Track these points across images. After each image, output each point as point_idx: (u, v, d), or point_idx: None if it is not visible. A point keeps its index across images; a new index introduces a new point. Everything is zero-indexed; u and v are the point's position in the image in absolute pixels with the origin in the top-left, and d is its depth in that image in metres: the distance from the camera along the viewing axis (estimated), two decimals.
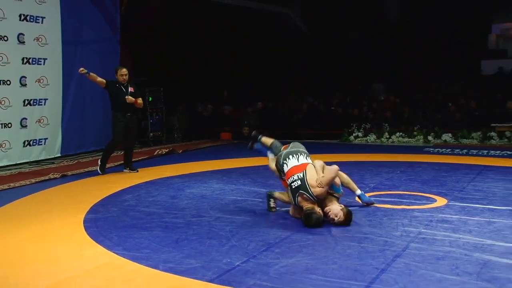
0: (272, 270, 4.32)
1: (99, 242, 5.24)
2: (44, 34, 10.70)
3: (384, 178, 8.48)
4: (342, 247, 4.90)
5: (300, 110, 15.93)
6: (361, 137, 14.13)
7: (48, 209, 6.77)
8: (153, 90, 13.94)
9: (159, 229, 5.65)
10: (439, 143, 13.17)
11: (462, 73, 17.69)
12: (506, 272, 4.22)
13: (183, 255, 4.75)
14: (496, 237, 5.16)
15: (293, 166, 5.86)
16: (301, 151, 6.11)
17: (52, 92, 10.98)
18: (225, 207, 6.63)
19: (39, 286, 4.15)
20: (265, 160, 10.58)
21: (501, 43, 19.53)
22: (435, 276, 4.15)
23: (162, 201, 7.03)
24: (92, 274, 4.38)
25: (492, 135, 12.99)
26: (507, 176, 8.45)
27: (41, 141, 10.83)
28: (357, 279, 4.11)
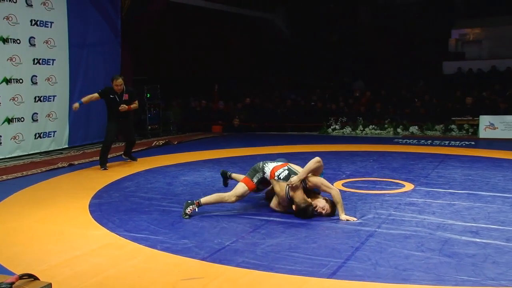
0: (258, 249, 4.32)
1: (103, 224, 5.21)
2: (53, 37, 10.62)
3: (359, 166, 8.50)
4: (321, 228, 4.91)
5: (284, 105, 15.89)
6: (338, 129, 14.15)
7: (57, 194, 6.71)
8: (151, 87, 13.84)
9: (157, 212, 5.62)
10: (407, 134, 13.22)
11: (426, 73, 17.77)
12: (464, 248, 4.26)
13: (179, 236, 4.73)
14: (456, 217, 5.20)
15: (274, 166, 5.55)
16: (277, 160, 5.84)
17: (60, 89, 10.91)
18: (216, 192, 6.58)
19: (50, 263, 4.12)
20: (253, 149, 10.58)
21: (459, 46, 19.66)
22: (403, 252, 4.17)
23: (159, 188, 6.99)
24: (97, 253, 4.35)
25: (452, 128, 13.08)
26: (465, 163, 8.52)
27: (50, 133, 10.76)
28: (334, 256, 4.11)
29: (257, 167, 5.64)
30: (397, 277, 3.66)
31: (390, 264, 3.92)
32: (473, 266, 3.86)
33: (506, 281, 3.57)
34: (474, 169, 7.99)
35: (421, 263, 3.92)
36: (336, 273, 3.74)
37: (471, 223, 4.96)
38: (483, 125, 12.42)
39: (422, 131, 13.29)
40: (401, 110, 14.55)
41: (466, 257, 4.05)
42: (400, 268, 3.83)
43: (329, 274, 3.73)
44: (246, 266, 3.92)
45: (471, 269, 3.80)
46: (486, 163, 8.57)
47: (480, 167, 8.12)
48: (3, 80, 9.63)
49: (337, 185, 6.88)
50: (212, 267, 3.93)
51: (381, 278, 3.64)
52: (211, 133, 14.58)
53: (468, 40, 19.48)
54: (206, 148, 11.12)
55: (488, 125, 12.35)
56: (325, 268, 3.85)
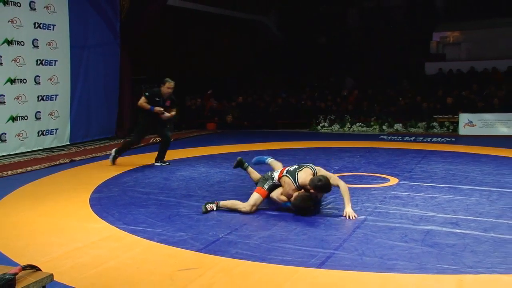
0: (251, 241, 4.31)
1: (103, 217, 5.18)
2: (55, 39, 10.53)
3: (346, 161, 8.51)
4: (311, 221, 4.91)
5: (275, 103, 15.87)
6: (326, 127, 14.15)
7: (58, 189, 6.66)
8: (149, 87, 13.75)
9: (154, 206, 5.60)
10: (392, 131, 13.25)
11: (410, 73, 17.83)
12: (444, 238, 4.28)
13: (175, 229, 4.71)
14: (437, 209, 5.23)
15: (280, 170, 5.49)
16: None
17: (62, 89, 10.83)
18: (211, 187, 6.59)
19: (52, 254, 4.10)
20: (245, 146, 10.56)
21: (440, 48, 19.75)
22: (388, 243, 4.18)
23: (156, 182, 6.96)
24: (97, 245, 4.33)
25: (434, 125, 13.12)
26: (446, 159, 8.56)
27: (52, 131, 10.69)
28: (323, 247, 4.12)
29: (266, 176, 5.51)
30: (383, 266, 3.67)
31: (376, 254, 3.93)
32: (453, 255, 3.88)
33: (483, 269, 3.60)
34: (454, 164, 8.03)
35: (405, 253, 3.93)
36: (325, 263, 3.75)
37: (451, 215, 4.98)
38: (463, 122, 12.47)
39: (406, 128, 13.32)
40: (387, 108, 14.58)
41: (447, 246, 4.07)
42: (385, 258, 3.84)
43: (318, 264, 3.73)
44: (240, 257, 3.91)
45: (451, 258, 3.82)
46: (466, 158, 8.62)
47: (460, 162, 8.15)
48: (8, 80, 9.55)
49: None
50: (207, 258, 3.92)
51: (368, 268, 3.65)
52: (206, 130, 14.54)
53: (448, 43, 19.56)
54: (201, 145, 11.09)
55: (467, 123, 12.40)
56: (315, 258, 3.85)
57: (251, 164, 6.28)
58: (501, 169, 7.42)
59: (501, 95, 13.81)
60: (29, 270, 2.61)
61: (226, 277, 3.56)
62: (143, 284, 3.48)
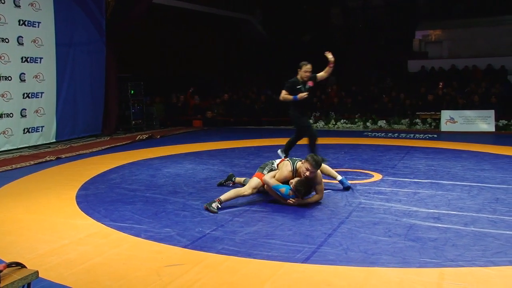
0: (237, 236, 4.31)
1: (89, 214, 5.14)
2: (40, 36, 10.39)
3: (331, 158, 8.54)
4: (296, 216, 4.92)
5: (259, 100, 15.86)
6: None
7: (45, 186, 6.59)
8: (135, 84, 13.69)
9: (141, 203, 5.57)
10: (375, 128, 13.34)
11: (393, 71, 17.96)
12: (427, 233, 4.32)
13: (161, 225, 4.69)
14: (420, 204, 5.27)
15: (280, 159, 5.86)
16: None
17: (48, 87, 10.70)
18: (197, 184, 6.57)
19: (38, 251, 4.07)
20: (231, 142, 10.56)
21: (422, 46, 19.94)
22: (372, 238, 4.21)
23: (143, 179, 6.92)
24: (83, 242, 4.30)
25: (417, 122, 13.22)
26: (429, 155, 8.64)
27: (38, 128, 10.56)
28: (308, 242, 4.13)
29: (267, 163, 5.79)
30: (367, 261, 3.70)
31: (360, 249, 3.95)
32: (435, 249, 3.92)
33: (463, 262, 3.65)
34: (436, 160, 8.11)
35: (388, 248, 3.96)
36: (310, 258, 3.76)
37: (434, 210, 5.03)
38: (444, 119, 12.60)
39: (390, 125, 13.41)
40: (370, 105, 14.66)
41: (429, 241, 4.12)
42: (369, 252, 3.87)
43: (304, 259, 3.74)
44: (226, 253, 3.91)
45: (433, 251, 3.86)
46: (447, 154, 8.70)
47: (441, 158, 8.24)
48: None
49: None
50: (194, 254, 3.91)
51: (352, 262, 3.68)
52: (192, 127, 14.49)
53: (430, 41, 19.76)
54: (187, 142, 11.05)
55: (449, 119, 12.53)
56: (300, 253, 3.86)
57: None
58: (481, 165, 7.51)
59: (481, 92, 13.99)
60: (14, 267, 2.59)
61: (212, 272, 3.55)
62: (130, 280, 3.45)
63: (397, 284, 3.32)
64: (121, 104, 13.38)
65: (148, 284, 3.37)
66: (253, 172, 7.19)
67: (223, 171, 7.36)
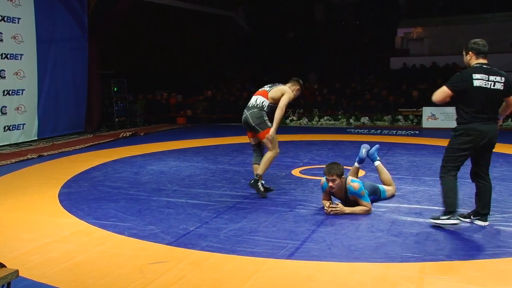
0: (221, 233, 4.31)
1: (72, 212, 5.09)
2: (20, 33, 10.22)
3: (315, 154, 8.58)
4: (280, 213, 4.93)
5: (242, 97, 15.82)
6: (295, 120, 14.22)
7: (27, 185, 6.50)
8: (118, 81, 13.57)
9: (124, 201, 5.53)
10: (358, 125, 13.41)
11: (375, 68, 18.08)
12: (409, 227, 4.38)
13: (145, 223, 4.67)
14: (402, 200, 5.34)
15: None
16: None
17: (29, 84, 10.53)
18: (181, 181, 6.54)
19: (20, 250, 4.01)
20: (215, 139, 10.53)
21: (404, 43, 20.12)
22: (355, 234, 4.25)
23: (126, 177, 6.87)
24: (67, 240, 4.26)
25: (399, 118, 13.33)
26: (411, 151, 8.73)
27: (19, 126, 10.40)
28: (292, 238, 4.15)
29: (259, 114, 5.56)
30: (350, 256, 3.73)
31: (344, 244, 3.98)
32: (417, 243, 3.97)
33: (443, 256, 3.71)
34: (418, 156, 8.20)
35: (371, 243, 4.00)
36: (294, 254, 3.78)
37: (416, 205, 5.10)
38: (426, 115, 12.73)
39: (372, 122, 13.50)
40: (353, 102, 14.75)
41: (411, 236, 4.17)
42: (352, 248, 3.90)
43: (288, 255, 3.76)
44: (210, 250, 3.91)
45: (414, 246, 3.92)
46: (429, 150, 8.81)
47: (423, 154, 8.33)
48: None
49: (295, 172, 6.94)
50: (178, 251, 3.90)
51: (336, 258, 3.70)
52: (176, 124, 14.41)
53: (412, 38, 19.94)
54: (171, 139, 10.99)
55: (430, 116, 12.67)
56: (284, 249, 3.88)
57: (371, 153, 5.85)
58: None
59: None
60: None
61: (196, 269, 3.55)
62: (113, 278, 3.43)
63: (380, 278, 3.35)
64: (104, 101, 13.26)
65: (132, 282, 3.35)
66: (236, 169, 7.22)
67: (207, 168, 7.35)
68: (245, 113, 5.62)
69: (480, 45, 4.23)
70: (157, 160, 8.23)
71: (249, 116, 5.56)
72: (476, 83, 4.11)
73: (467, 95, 4.16)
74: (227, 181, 6.42)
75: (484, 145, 4.19)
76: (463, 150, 4.24)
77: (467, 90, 4.14)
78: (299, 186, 6.11)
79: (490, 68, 4.18)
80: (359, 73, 17.74)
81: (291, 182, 6.33)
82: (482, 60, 4.22)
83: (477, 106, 4.14)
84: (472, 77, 4.13)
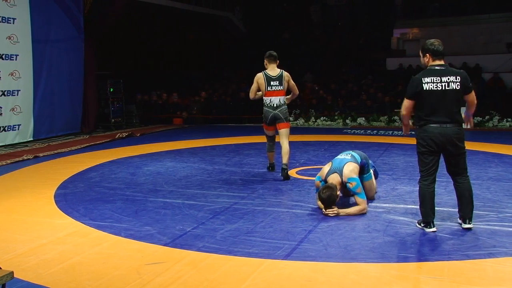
0: (218, 234, 4.31)
1: (68, 213, 5.08)
2: (16, 33, 10.19)
3: (311, 155, 8.59)
4: (277, 214, 4.93)
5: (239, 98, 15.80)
6: (291, 121, 14.18)
7: (22, 185, 6.48)
8: (114, 82, 13.52)
9: (121, 201, 5.52)
10: (355, 125, 13.42)
11: (371, 68, 18.10)
12: (405, 228, 4.39)
13: (142, 223, 4.66)
14: (398, 200, 5.35)
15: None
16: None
17: (24, 84, 10.49)
18: (178, 182, 6.54)
19: (15, 251, 4.00)
20: (212, 140, 10.52)
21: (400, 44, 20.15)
22: (351, 234, 4.25)
23: (123, 178, 6.86)
24: (62, 241, 4.25)
25: (395, 119, 13.33)
26: (407, 151, 8.74)
27: (15, 127, 10.36)
28: (289, 239, 4.15)
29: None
30: (346, 257, 3.73)
31: (340, 245, 3.99)
32: (413, 244, 3.98)
33: (440, 256, 3.72)
34: (414, 156, 8.04)
35: (368, 243, 4.01)
36: (291, 255, 3.78)
37: (412, 205, 5.10)
38: None
39: (369, 122, 13.51)
40: (349, 103, 14.76)
41: (407, 236, 4.18)
42: (349, 248, 3.91)
43: (284, 256, 3.76)
44: (207, 250, 3.91)
45: (411, 246, 3.93)
46: None
47: None
48: None
49: (292, 173, 6.94)
50: (174, 252, 3.90)
51: (332, 258, 3.71)
52: (173, 125, 14.39)
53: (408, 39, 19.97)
54: (168, 140, 10.98)
55: None
56: (280, 250, 3.88)
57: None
58: None
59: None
60: None
61: (193, 270, 3.54)
62: (109, 279, 3.42)
63: (376, 279, 3.36)
64: (100, 102, 13.22)
65: (129, 283, 3.35)
66: (233, 170, 7.22)
67: (203, 169, 7.35)
68: (271, 112, 6.54)
69: (436, 46, 4.23)
70: (154, 160, 8.22)
71: (279, 113, 6.53)
72: (425, 86, 4.14)
73: (419, 99, 4.21)
74: (223, 182, 6.42)
75: (442, 148, 4.16)
76: (423, 154, 4.28)
77: (419, 94, 4.18)
78: (295, 186, 6.11)
79: (445, 69, 4.19)
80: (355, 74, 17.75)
81: (288, 182, 6.33)
82: (439, 62, 4.23)
83: (427, 109, 4.17)
84: (422, 81, 4.16)
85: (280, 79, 6.50)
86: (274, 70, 6.60)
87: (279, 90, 6.50)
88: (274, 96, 6.50)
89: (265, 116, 6.61)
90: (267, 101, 6.55)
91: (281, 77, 6.51)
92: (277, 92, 6.49)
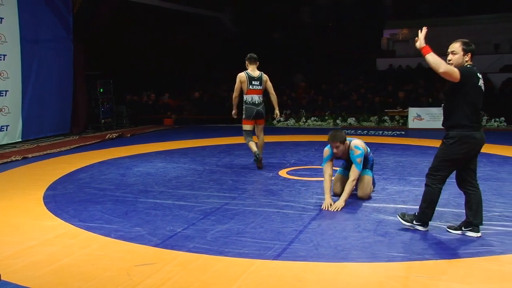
0: (208, 235, 4.30)
1: (57, 215, 5.04)
2: (3, 33, 10.08)
3: (302, 155, 8.61)
4: (267, 214, 4.94)
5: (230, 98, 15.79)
6: (282, 121, 14.23)
7: (11, 187, 6.42)
8: (104, 82, 13.46)
9: (111, 202, 5.49)
10: (345, 125, 13.48)
11: (362, 69, 18.18)
12: (395, 227, 4.42)
13: (132, 224, 4.64)
14: (388, 200, 5.38)
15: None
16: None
17: (12, 84, 10.38)
18: (168, 182, 6.52)
19: (4, 253, 3.97)
20: (202, 141, 10.50)
21: (390, 45, 20.26)
22: (342, 234, 4.27)
23: (113, 179, 6.82)
24: (51, 242, 4.22)
25: (385, 119, 13.42)
26: (397, 151, 8.80)
27: (3, 127, 10.26)
28: (280, 239, 4.15)
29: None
30: (337, 256, 3.75)
31: (331, 244, 4.00)
32: (403, 243, 4.01)
33: (429, 255, 3.75)
34: (404, 156, 8.27)
35: (358, 243, 4.03)
36: (281, 255, 3.79)
37: (402, 205, 5.14)
38: (412, 116, 12.84)
39: (359, 122, 13.58)
40: (340, 103, 14.81)
41: (397, 235, 4.20)
42: (339, 248, 3.92)
43: (275, 256, 3.77)
44: (197, 251, 3.90)
45: (400, 246, 3.95)
46: (415, 150, 8.89)
47: (409, 154, 8.40)
48: None
49: (282, 173, 6.95)
50: (165, 253, 3.89)
51: (323, 258, 3.72)
52: (163, 125, 14.35)
53: (398, 39, 20.09)
54: (158, 140, 10.94)
55: (416, 116, 12.78)
56: (271, 250, 3.88)
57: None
58: None
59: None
60: None
61: (183, 271, 3.53)
62: (99, 280, 3.41)
63: (367, 278, 3.37)
64: (90, 103, 13.14)
65: (119, 284, 3.33)
66: (223, 170, 7.21)
67: (194, 170, 7.33)
68: (255, 108, 7.24)
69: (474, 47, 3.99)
70: (144, 161, 8.18)
71: (261, 109, 7.32)
72: (480, 82, 3.82)
73: (470, 93, 3.79)
74: (214, 182, 6.42)
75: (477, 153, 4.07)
76: (455, 160, 4.01)
77: (469, 87, 3.78)
78: (286, 187, 6.12)
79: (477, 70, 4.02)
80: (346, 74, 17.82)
81: (278, 183, 6.34)
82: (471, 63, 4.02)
83: (472, 110, 3.86)
84: (477, 75, 3.80)
85: (260, 80, 7.30)
86: (255, 71, 7.36)
87: (259, 89, 7.30)
88: (255, 94, 7.26)
89: (248, 112, 7.27)
90: (249, 99, 7.26)
91: (261, 78, 7.30)
92: (257, 91, 7.28)
